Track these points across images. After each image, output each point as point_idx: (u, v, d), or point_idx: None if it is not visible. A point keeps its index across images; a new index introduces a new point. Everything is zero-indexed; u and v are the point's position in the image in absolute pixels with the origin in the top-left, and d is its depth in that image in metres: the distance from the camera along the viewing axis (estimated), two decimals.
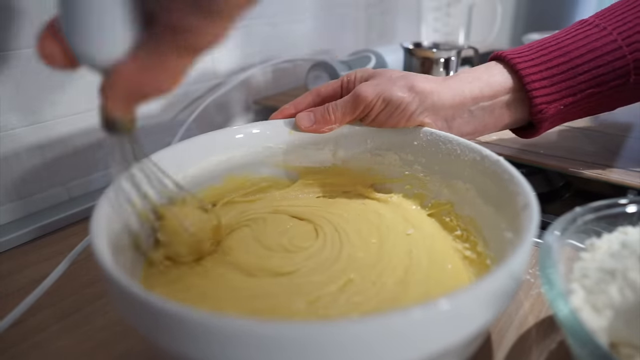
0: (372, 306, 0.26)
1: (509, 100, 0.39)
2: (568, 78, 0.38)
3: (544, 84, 0.38)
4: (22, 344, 0.29)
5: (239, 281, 0.29)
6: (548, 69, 0.38)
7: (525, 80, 0.38)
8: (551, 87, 0.38)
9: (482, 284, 0.20)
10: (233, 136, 0.38)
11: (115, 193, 0.27)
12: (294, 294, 0.27)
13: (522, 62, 0.38)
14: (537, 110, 0.38)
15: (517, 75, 0.38)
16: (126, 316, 0.21)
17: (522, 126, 0.41)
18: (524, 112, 0.39)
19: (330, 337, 0.18)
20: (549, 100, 0.38)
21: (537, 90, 0.38)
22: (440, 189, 0.36)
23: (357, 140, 0.39)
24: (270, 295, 0.27)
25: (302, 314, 0.26)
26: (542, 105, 0.38)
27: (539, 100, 0.38)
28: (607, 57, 0.37)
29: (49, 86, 0.42)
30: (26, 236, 0.41)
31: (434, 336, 0.19)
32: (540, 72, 0.38)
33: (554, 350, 0.28)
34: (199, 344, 0.18)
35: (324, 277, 0.29)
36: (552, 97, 0.38)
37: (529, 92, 0.38)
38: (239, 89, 0.63)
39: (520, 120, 0.40)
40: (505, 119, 0.39)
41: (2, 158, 0.40)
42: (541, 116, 0.38)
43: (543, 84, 0.38)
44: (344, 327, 0.18)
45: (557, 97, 0.38)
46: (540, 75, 0.38)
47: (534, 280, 0.33)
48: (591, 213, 0.28)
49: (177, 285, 0.28)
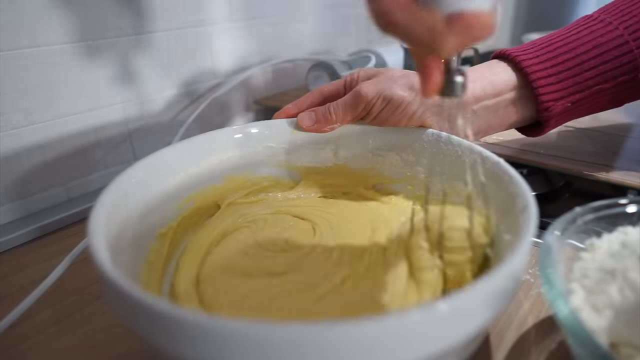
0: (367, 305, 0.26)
1: (514, 99, 0.38)
2: (575, 74, 0.37)
3: (550, 80, 0.37)
4: (21, 344, 0.29)
5: (236, 281, 0.29)
6: (554, 65, 0.37)
7: (531, 77, 0.37)
8: (558, 84, 0.37)
9: (481, 285, 0.20)
10: (233, 136, 0.38)
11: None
12: (291, 292, 0.27)
13: (526, 59, 0.38)
14: (543, 107, 0.38)
15: (522, 72, 0.38)
16: (124, 318, 0.21)
17: (528, 125, 0.41)
18: (530, 110, 0.39)
19: (329, 339, 0.17)
20: (555, 98, 0.37)
21: (544, 88, 0.37)
22: (442, 190, 0.36)
23: (359, 140, 0.39)
24: (267, 295, 0.27)
25: (296, 313, 0.26)
26: (549, 102, 0.37)
27: (545, 98, 0.37)
28: (614, 52, 0.37)
29: (49, 86, 0.42)
30: (26, 236, 0.41)
31: (432, 337, 0.19)
32: (545, 69, 0.37)
33: (554, 351, 0.28)
34: (196, 345, 0.18)
35: (319, 276, 0.29)
36: (559, 94, 0.37)
37: (534, 89, 0.37)
38: (239, 89, 0.63)
39: (527, 119, 0.40)
40: (510, 118, 0.39)
41: (3, 158, 0.40)
42: (548, 114, 0.38)
43: (549, 81, 0.37)
44: (342, 329, 0.17)
45: (564, 94, 0.38)
46: (546, 72, 0.37)
47: (533, 280, 0.33)
48: (591, 213, 0.28)
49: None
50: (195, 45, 0.55)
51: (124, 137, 0.50)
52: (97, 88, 0.46)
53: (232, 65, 0.61)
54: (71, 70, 0.43)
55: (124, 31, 0.46)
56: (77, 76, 0.44)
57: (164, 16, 0.50)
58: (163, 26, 0.50)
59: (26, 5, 0.39)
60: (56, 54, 0.42)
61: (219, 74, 0.60)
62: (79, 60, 0.43)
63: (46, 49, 0.41)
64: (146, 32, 0.48)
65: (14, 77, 0.39)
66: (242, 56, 0.62)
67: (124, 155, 0.50)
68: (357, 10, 0.81)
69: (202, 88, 0.58)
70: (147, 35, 0.49)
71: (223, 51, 0.59)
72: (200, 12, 0.54)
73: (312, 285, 0.28)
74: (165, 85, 0.53)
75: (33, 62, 0.40)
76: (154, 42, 0.50)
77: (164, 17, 0.50)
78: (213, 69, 0.58)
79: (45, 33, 0.40)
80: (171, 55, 0.52)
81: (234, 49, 0.61)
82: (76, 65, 0.43)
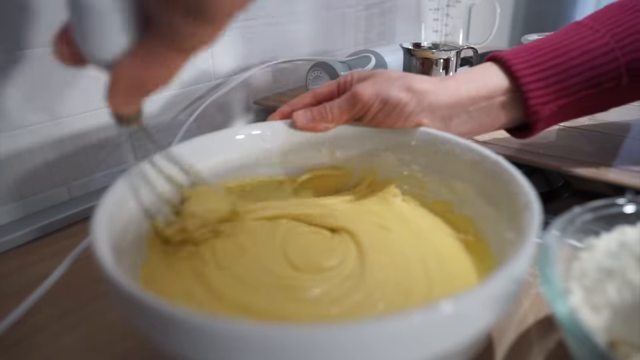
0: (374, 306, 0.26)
1: (505, 101, 0.39)
2: (562, 80, 0.38)
3: (539, 85, 0.38)
4: (22, 344, 0.29)
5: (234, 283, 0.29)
6: (542, 70, 0.38)
7: (521, 81, 0.38)
8: (546, 88, 0.38)
9: (486, 287, 0.20)
10: (232, 137, 0.38)
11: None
12: (289, 291, 0.27)
13: (517, 63, 0.39)
14: (532, 111, 0.38)
15: (513, 76, 0.38)
16: (128, 318, 0.21)
17: (517, 126, 0.42)
18: (519, 112, 0.39)
19: (331, 341, 0.17)
20: (543, 102, 0.38)
21: (532, 92, 0.38)
22: (439, 189, 0.36)
23: (355, 141, 0.39)
24: (264, 298, 0.27)
25: (293, 316, 0.26)
26: (537, 106, 0.38)
27: (533, 102, 0.38)
28: (601, 60, 0.38)
29: (49, 88, 0.42)
30: (27, 236, 0.41)
31: (436, 339, 0.19)
32: (535, 73, 0.38)
33: (553, 349, 0.28)
34: (200, 346, 0.18)
35: (317, 276, 0.29)
36: (547, 99, 0.38)
37: (523, 93, 0.38)
38: (239, 89, 0.63)
39: (516, 120, 0.40)
40: (501, 120, 0.40)
41: (4, 158, 0.41)
42: (536, 117, 0.39)
43: (538, 85, 0.38)
44: (344, 331, 0.17)
45: (551, 99, 0.38)
46: (535, 77, 0.38)
47: (533, 280, 0.34)
48: (590, 213, 0.28)
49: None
50: None
51: (124, 137, 0.50)
52: (98, 88, 0.46)
53: (232, 66, 0.61)
54: (71, 71, 0.43)
55: None
56: (77, 76, 0.44)
57: None
58: None
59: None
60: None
61: (219, 75, 0.60)
62: None
63: (47, 49, 0.41)
64: None
65: (14, 77, 0.40)
66: (242, 56, 0.62)
67: (125, 155, 0.50)
68: (356, 11, 0.81)
69: (202, 88, 0.58)
70: None
71: (223, 52, 0.59)
72: None
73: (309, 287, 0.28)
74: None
75: (33, 62, 0.40)
76: None
77: None
78: (213, 70, 0.59)
79: (45, 34, 0.41)
80: None
81: (234, 50, 0.61)
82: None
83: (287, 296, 0.27)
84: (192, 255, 0.30)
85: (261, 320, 0.25)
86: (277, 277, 0.28)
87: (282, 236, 0.33)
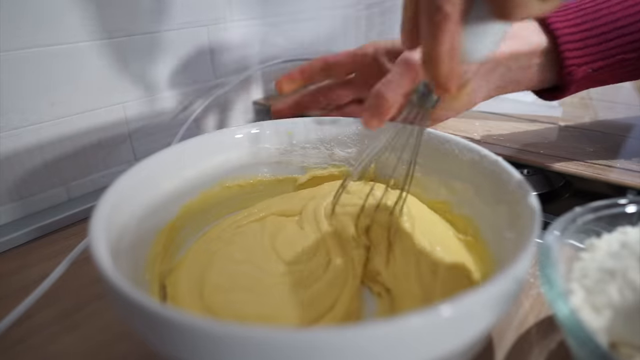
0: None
1: (542, 59, 0.39)
2: (600, 42, 0.38)
3: (577, 45, 0.38)
4: (22, 345, 0.29)
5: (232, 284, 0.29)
6: (581, 31, 0.38)
7: (559, 40, 0.38)
8: (584, 49, 0.38)
9: (486, 288, 0.19)
10: (232, 137, 0.38)
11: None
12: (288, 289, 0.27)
13: (557, 21, 0.38)
14: (567, 72, 0.38)
15: (552, 35, 0.38)
16: (125, 319, 0.21)
17: (548, 88, 0.41)
18: (553, 72, 0.39)
19: (329, 345, 0.17)
20: (579, 63, 0.38)
21: (570, 52, 0.38)
22: (438, 189, 0.36)
23: (355, 140, 0.39)
24: (262, 300, 0.27)
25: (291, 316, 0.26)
26: (573, 67, 0.38)
27: (569, 62, 0.38)
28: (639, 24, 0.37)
29: (49, 87, 0.42)
30: (26, 236, 0.41)
31: (435, 342, 0.19)
32: (573, 33, 0.38)
33: (554, 350, 0.28)
34: (196, 349, 0.18)
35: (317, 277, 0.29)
36: (583, 60, 0.38)
37: (561, 52, 0.38)
38: (239, 89, 0.63)
39: (550, 80, 0.40)
40: (536, 78, 0.40)
41: (3, 158, 0.41)
42: (570, 78, 0.38)
43: (576, 46, 0.38)
44: (344, 334, 0.17)
45: (587, 60, 0.38)
46: (573, 37, 0.38)
47: (533, 280, 0.33)
48: (591, 213, 0.28)
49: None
50: (195, 46, 0.55)
51: (124, 137, 0.50)
52: (97, 88, 0.46)
53: (232, 66, 0.61)
54: (71, 71, 0.43)
55: (124, 32, 0.46)
56: (77, 76, 0.44)
57: (164, 17, 0.50)
58: (163, 26, 0.50)
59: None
60: (56, 54, 0.42)
61: (219, 74, 0.60)
62: (79, 61, 0.43)
63: (46, 49, 0.41)
64: (146, 33, 0.48)
65: (14, 77, 0.39)
66: (242, 56, 0.62)
67: (125, 155, 0.50)
68: (356, 11, 0.81)
69: (203, 88, 0.58)
70: (147, 35, 0.49)
71: (223, 51, 0.59)
72: (200, 12, 0.54)
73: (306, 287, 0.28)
74: (165, 85, 0.53)
75: (33, 63, 0.40)
76: (154, 42, 0.50)
77: (164, 18, 0.50)
78: (213, 69, 0.58)
79: (45, 33, 0.40)
80: (171, 55, 0.52)
81: (234, 49, 0.61)
82: (76, 65, 0.43)
83: (283, 294, 0.27)
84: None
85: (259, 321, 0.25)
86: (270, 275, 0.29)
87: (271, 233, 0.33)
